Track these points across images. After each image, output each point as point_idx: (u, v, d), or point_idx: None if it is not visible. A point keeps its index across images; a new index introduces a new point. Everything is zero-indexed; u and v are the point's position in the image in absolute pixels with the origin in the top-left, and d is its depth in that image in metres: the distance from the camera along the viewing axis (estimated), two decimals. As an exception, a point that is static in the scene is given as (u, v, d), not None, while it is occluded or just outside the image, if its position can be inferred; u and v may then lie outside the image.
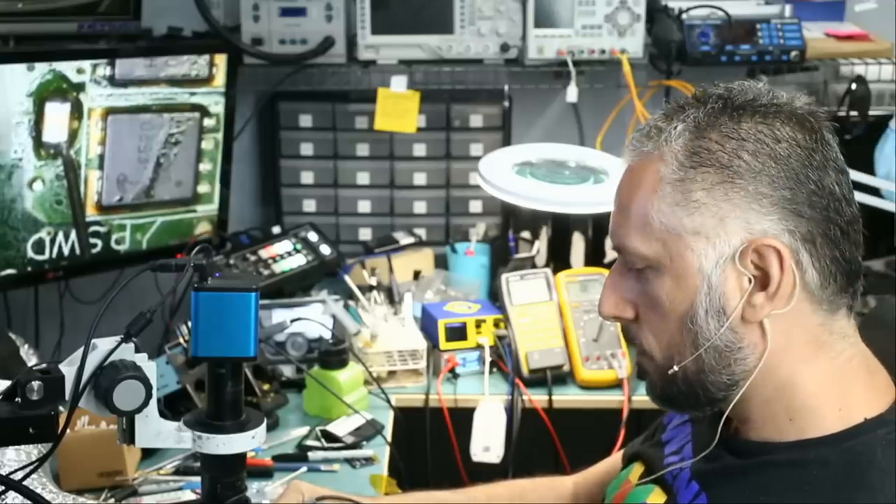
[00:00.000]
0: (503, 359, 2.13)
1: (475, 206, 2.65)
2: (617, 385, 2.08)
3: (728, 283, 0.96)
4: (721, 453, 1.03)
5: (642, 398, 2.06)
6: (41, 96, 2.07)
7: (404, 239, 2.51)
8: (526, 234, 2.48)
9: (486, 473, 1.86)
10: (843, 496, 0.93)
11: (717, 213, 0.95)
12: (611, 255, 2.60)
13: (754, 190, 0.94)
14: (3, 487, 1.04)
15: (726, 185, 0.95)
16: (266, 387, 1.95)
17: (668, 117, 1.01)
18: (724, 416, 1.03)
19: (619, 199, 1.02)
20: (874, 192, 2.26)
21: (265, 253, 2.40)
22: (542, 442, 2.04)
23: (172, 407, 1.76)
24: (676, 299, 0.98)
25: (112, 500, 1.66)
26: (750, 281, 0.95)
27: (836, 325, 0.98)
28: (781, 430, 0.99)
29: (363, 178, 2.64)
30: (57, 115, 2.11)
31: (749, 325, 0.97)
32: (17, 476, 1.03)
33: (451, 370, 2.13)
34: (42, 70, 2.05)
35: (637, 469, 1.17)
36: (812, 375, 0.98)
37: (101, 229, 2.26)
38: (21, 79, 2.03)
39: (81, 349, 1.00)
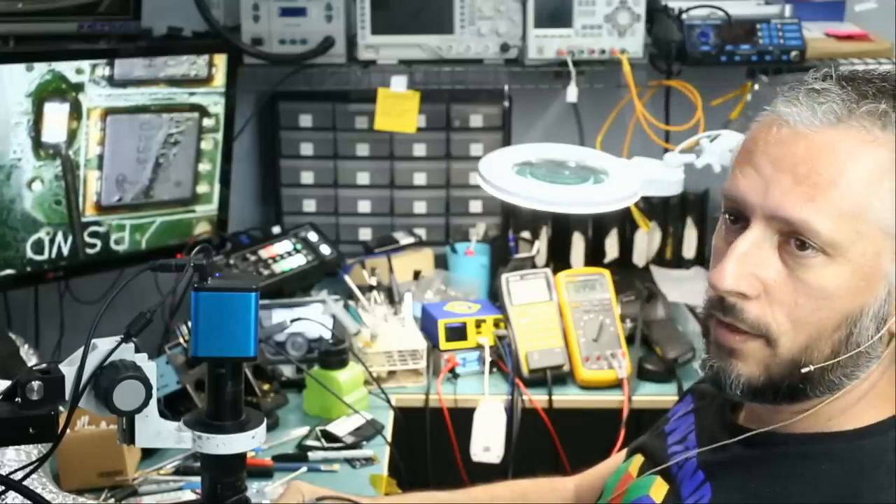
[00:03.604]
0: (503, 359, 2.12)
1: (475, 206, 2.65)
2: (617, 385, 2.08)
3: None
4: (728, 443, 1.03)
5: (642, 398, 2.06)
6: (40, 96, 2.06)
7: (404, 239, 2.50)
8: (526, 234, 2.48)
9: (486, 473, 1.86)
10: (851, 493, 0.93)
11: None
12: (611, 254, 2.61)
13: None
14: (3, 487, 1.04)
15: None
16: (266, 387, 1.95)
17: (880, 95, 0.93)
18: (733, 404, 1.03)
19: (817, 168, 0.91)
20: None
21: (265, 253, 2.40)
22: (542, 442, 2.04)
23: (172, 407, 1.76)
24: (848, 295, 0.92)
25: (112, 500, 1.66)
26: None
27: None
28: (789, 424, 0.99)
29: (363, 178, 2.63)
30: (56, 116, 2.11)
31: (891, 338, 0.95)
32: (17, 476, 1.03)
33: (451, 370, 2.13)
34: (41, 70, 2.05)
35: (637, 461, 1.17)
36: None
37: (101, 229, 2.26)
38: (20, 79, 2.03)
39: (81, 349, 0.99)
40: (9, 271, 2.13)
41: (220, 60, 2.32)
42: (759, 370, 0.96)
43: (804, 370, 0.94)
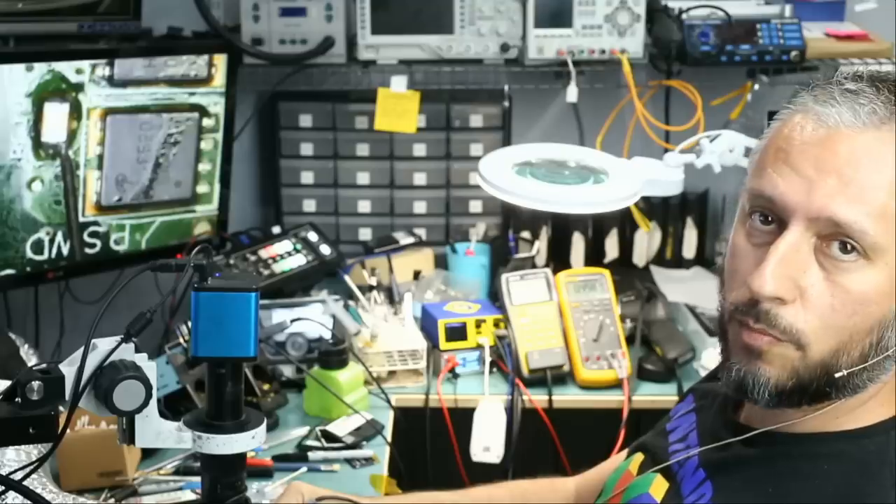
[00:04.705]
0: (503, 359, 2.13)
1: (475, 206, 2.65)
2: (617, 385, 2.08)
3: None
4: (730, 442, 1.02)
5: (642, 398, 2.06)
6: (40, 96, 2.06)
7: (404, 239, 2.50)
8: (526, 234, 2.48)
9: (486, 473, 1.86)
10: (853, 492, 0.93)
11: None
12: (611, 254, 2.60)
13: None
14: (3, 487, 1.04)
15: None
16: (266, 387, 1.95)
17: None
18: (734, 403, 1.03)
19: (863, 170, 0.90)
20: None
21: (265, 253, 2.40)
22: (542, 442, 2.04)
23: (172, 407, 1.76)
24: (884, 299, 0.92)
25: (112, 500, 1.66)
26: None
27: None
28: (792, 423, 0.99)
29: (363, 178, 2.63)
30: (56, 116, 2.10)
31: None
32: (17, 476, 1.03)
33: (451, 370, 2.13)
34: (41, 70, 2.05)
35: (637, 459, 1.17)
36: None
37: (101, 229, 2.26)
38: (20, 79, 2.03)
39: (81, 349, 0.99)
40: (9, 271, 2.13)
41: (220, 60, 2.32)
42: (787, 374, 0.95)
43: (837, 375, 0.93)
